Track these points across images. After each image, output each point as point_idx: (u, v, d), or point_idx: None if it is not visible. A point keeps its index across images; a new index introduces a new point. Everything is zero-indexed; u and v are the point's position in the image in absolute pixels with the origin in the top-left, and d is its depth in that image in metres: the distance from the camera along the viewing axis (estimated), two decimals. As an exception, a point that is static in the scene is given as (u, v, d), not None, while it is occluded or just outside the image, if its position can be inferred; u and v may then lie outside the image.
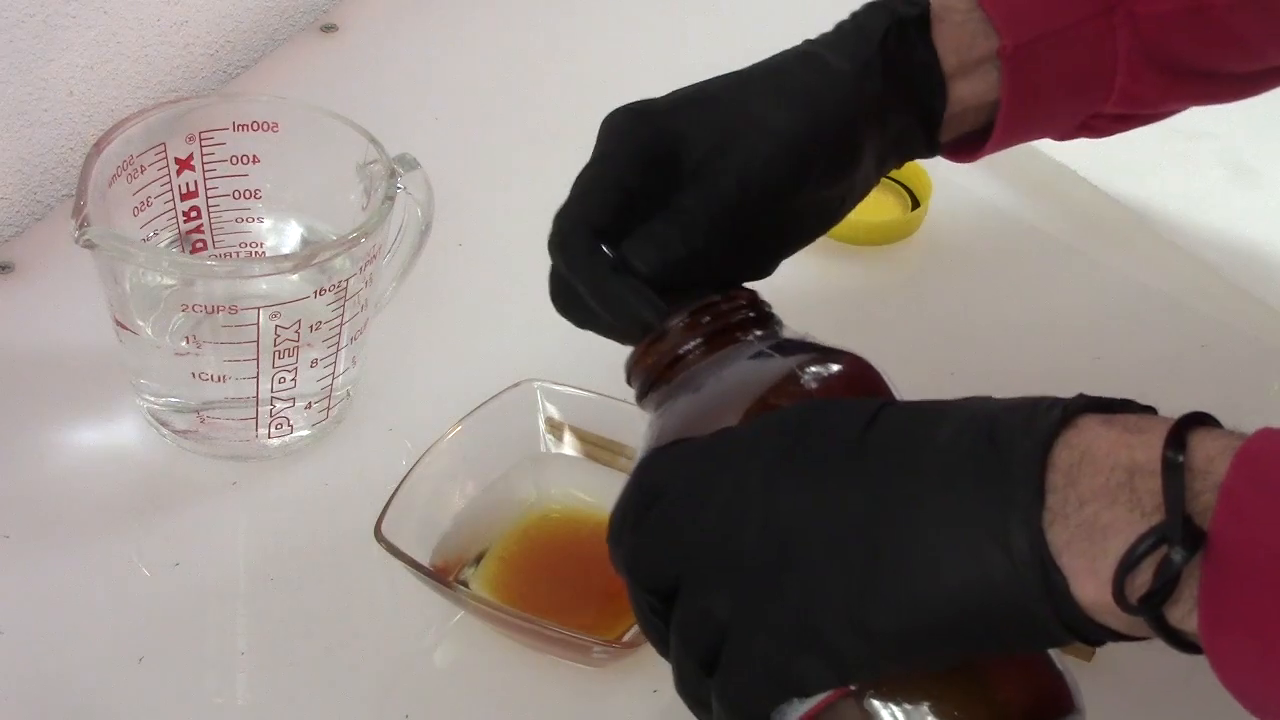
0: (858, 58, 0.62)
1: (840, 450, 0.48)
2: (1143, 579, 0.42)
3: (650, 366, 0.56)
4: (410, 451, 0.71)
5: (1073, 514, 0.44)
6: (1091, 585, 0.43)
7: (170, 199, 0.75)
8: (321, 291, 0.70)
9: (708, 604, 0.49)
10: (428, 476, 0.69)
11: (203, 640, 0.69)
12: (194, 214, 0.76)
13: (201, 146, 0.75)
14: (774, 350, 0.54)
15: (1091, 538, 0.43)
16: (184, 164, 0.75)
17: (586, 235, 0.57)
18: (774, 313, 0.57)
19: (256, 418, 0.73)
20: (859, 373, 0.54)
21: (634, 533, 0.51)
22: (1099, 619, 0.44)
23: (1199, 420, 0.44)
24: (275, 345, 0.71)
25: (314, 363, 0.73)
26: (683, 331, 0.55)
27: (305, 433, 0.75)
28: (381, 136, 0.74)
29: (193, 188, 0.75)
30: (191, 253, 0.77)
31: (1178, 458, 0.43)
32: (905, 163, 0.66)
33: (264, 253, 0.78)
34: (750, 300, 0.56)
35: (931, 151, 0.66)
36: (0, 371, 0.78)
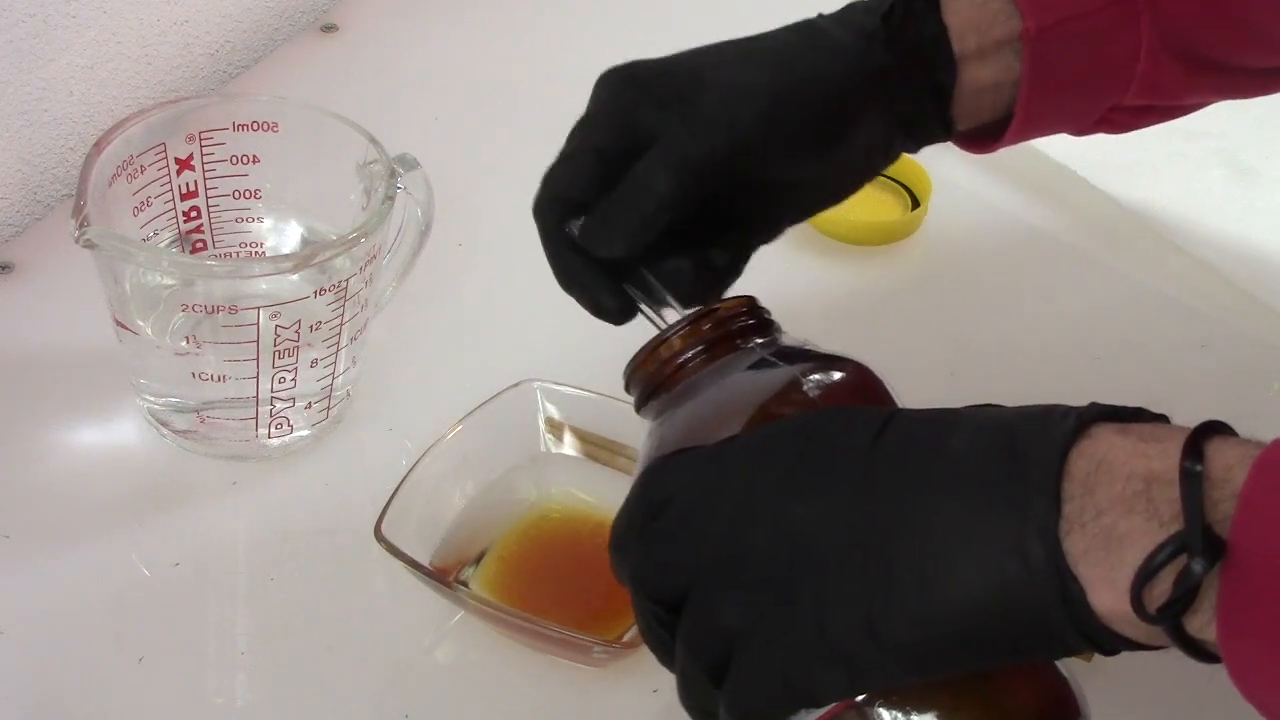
0: (859, 29, 0.62)
1: (852, 458, 0.48)
2: (1161, 588, 0.42)
3: (650, 374, 0.55)
4: (410, 451, 0.71)
5: (1090, 523, 0.43)
6: (1109, 594, 0.43)
7: (170, 199, 0.75)
8: (321, 291, 0.70)
9: (717, 613, 0.48)
10: (428, 476, 0.69)
11: (203, 640, 0.69)
12: (194, 214, 0.76)
13: (201, 146, 0.75)
14: (775, 358, 0.54)
15: (1109, 547, 0.43)
16: (184, 164, 0.75)
17: (555, 211, 0.59)
18: (774, 320, 0.57)
19: (256, 418, 0.73)
20: (861, 380, 0.54)
21: (640, 542, 0.51)
22: (1116, 628, 0.44)
23: (1215, 429, 0.44)
24: (275, 345, 0.71)
25: (314, 363, 0.73)
26: (683, 339, 0.55)
27: (305, 433, 0.75)
28: (381, 136, 0.74)
29: (193, 188, 0.75)
30: (191, 253, 0.77)
31: (1196, 467, 0.42)
32: (921, 145, 0.65)
33: (264, 253, 0.78)
34: (750, 307, 0.56)
35: (947, 133, 0.65)
36: (0, 371, 0.78)
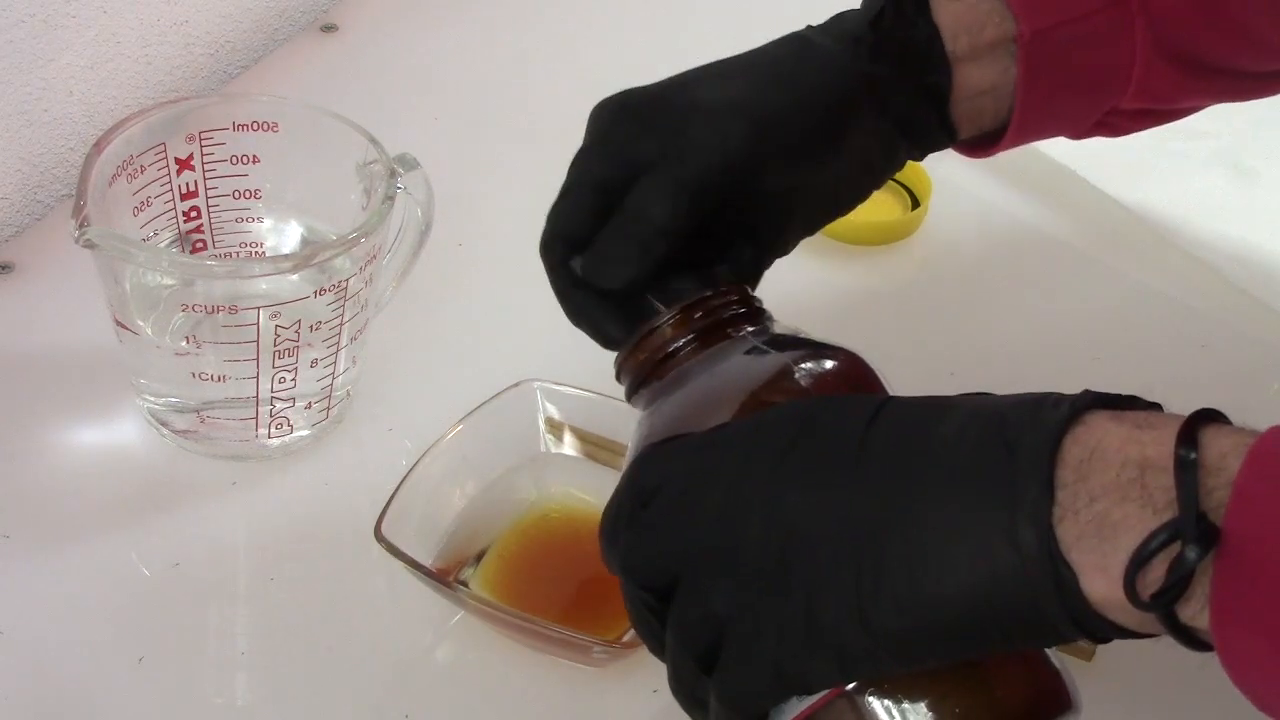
0: (845, 35, 0.62)
1: (844, 446, 0.48)
2: (1154, 575, 0.42)
3: (641, 363, 0.56)
4: (410, 451, 0.71)
5: (1083, 510, 0.43)
6: (1102, 581, 0.43)
7: (170, 199, 0.75)
8: (321, 291, 0.70)
9: (707, 600, 0.48)
10: (428, 476, 0.69)
11: (203, 640, 0.69)
12: (194, 214, 0.76)
13: (201, 146, 0.75)
14: (767, 346, 0.54)
15: (1102, 534, 0.43)
16: (184, 164, 0.75)
17: (558, 248, 0.59)
18: (765, 308, 0.57)
19: (256, 418, 0.73)
20: (853, 368, 0.54)
21: (629, 529, 0.51)
22: (1108, 615, 0.44)
23: (1210, 417, 0.44)
24: (275, 345, 0.71)
25: (314, 363, 0.73)
26: (674, 328, 0.55)
27: (305, 433, 0.75)
28: (381, 136, 0.74)
29: (193, 188, 0.75)
30: (191, 253, 0.77)
31: (1190, 454, 0.43)
32: (927, 152, 0.65)
33: (264, 253, 0.78)
34: (741, 296, 0.56)
35: (951, 138, 0.65)
36: (0, 371, 0.78)
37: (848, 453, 0.48)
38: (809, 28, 0.63)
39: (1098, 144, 0.71)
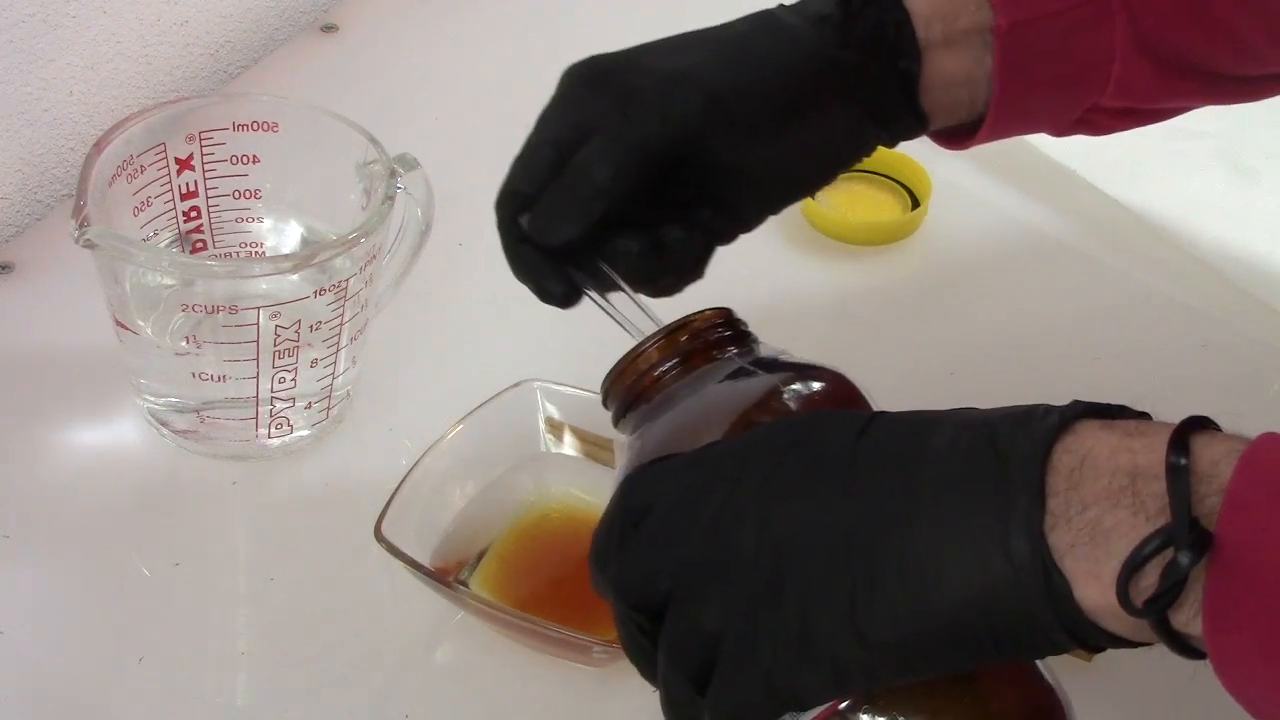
0: (815, 16, 0.62)
1: (835, 459, 0.48)
2: (1147, 582, 0.42)
3: (628, 387, 0.55)
4: (410, 451, 0.71)
5: (1075, 518, 0.43)
6: (1094, 589, 0.43)
7: (170, 199, 0.75)
8: (321, 291, 0.70)
9: (700, 617, 0.48)
10: (428, 476, 0.69)
11: (203, 640, 0.68)
12: (194, 214, 0.76)
13: (201, 146, 0.75)
14: (753, 367, 0.54)
15: (1094, 541, 0.43)
16: (184, 164, 0.75)
17: (509, 205, 0.61)
18: (750, 330, 0.57)
19: (256, 418, 0.73)
20: (839, 388, 0.54)
21: (620, 550, 0.50)
22: (1101, 623, 0.44)
23: (1200, 424, 0.44)
24: (275, 345, 0.71)
25: (314, 363, 0.73)
26: (659, 351, 0.55)
27: (305, 433, 0.75)
28: (381, 136, 0.74)
29: (193, 188, 0.75)
30: (191, 253, 0.77)
31: (1182, 461, 0.43)
32: (898, 138, 0.65)
33: (264, 253, 0.78)
34: (727, 319, 0.56)
35: (923, 125, 0.65)
36: (0, 371, 0.78)
37: (839, 465, 0.47)
38: (780, 6, 0.63)
39: (1098, 144, 0.71)
